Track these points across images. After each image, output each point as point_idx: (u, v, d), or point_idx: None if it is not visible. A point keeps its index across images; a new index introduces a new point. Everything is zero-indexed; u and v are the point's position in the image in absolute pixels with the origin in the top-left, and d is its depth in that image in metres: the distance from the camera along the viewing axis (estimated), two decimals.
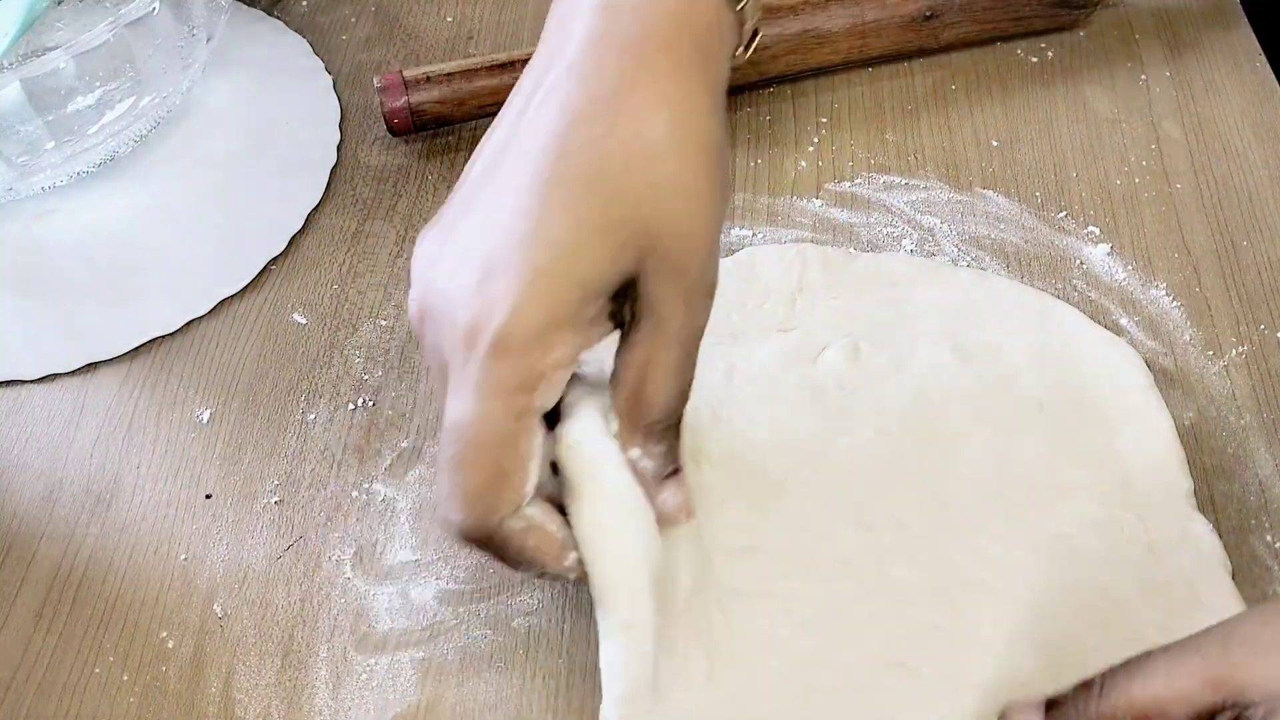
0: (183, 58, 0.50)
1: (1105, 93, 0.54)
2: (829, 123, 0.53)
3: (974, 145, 0.52)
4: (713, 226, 0.33)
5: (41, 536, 0.42)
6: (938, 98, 0.54)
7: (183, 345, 0.47)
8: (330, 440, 0.44)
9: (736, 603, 0.37)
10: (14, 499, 0.43)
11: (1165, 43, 0.56)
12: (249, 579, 0.40)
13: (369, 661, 0.38)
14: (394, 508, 0.42)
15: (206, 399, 0.45)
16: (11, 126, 0.46)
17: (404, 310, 0.47)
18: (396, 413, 0.44)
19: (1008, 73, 0.55)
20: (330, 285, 0.49)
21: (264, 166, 0.53)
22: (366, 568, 0.40)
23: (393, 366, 0.46)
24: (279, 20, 0.59)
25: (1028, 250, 0.48)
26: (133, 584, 0.40)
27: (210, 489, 0.43)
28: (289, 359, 0.46)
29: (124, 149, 0.51)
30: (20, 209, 0.51)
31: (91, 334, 0.47)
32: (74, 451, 0.44)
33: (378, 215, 0.51)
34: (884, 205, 0.50)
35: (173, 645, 0.39)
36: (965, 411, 0.42)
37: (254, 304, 0.48)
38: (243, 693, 0.38)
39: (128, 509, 0.42)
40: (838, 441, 0.41)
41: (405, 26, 0.59)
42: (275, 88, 0.56)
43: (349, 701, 0.37)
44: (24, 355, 0.47)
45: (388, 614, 0.39)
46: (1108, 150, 0.52)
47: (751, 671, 0.36)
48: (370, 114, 0.55)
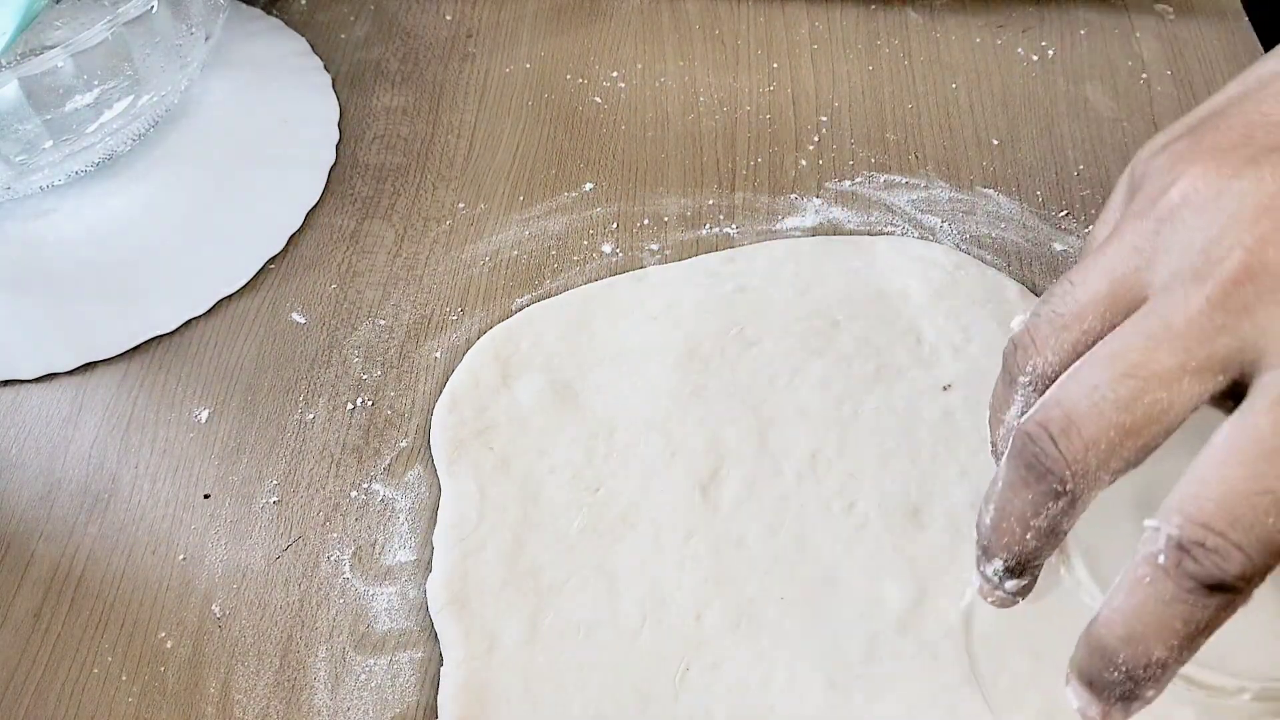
0: (181, 56, 0.50)
1: (1106, 92, 0.54)
2: (829, 121, 0.53)
3: (974, 144, 0.52)
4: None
5: (39, 536, 0.42)
6: (938, 97, 0.54)
7: (181, 345, 0.47)
8: (329, 440, 0.43)
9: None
10: (12, 499, 0.43)
11: (1166, 42, 0.56)
12: (247, 579, 0.40)
13: (368, 662, 0.38)
14: (393, 508, 0.42)
15: (205, 399, 0.45)
16: (9, 125, 0.46)
17: (402, 310, 0.47)
18: (395, 413, 0.44)
19: (1008, 71, 0.55)
20: (329, 285, 0.48)
21: (262, 165, 0.53)
22: (365, 568, 0.40)
23: (392, 366, 0.46)
24: (278, 19, 0.59)
25: (1029, 249, 0.48)
26: (131, 584, 0.40)
27: (209, 489, 0.42)
28: (287, 359, 0.46)
29: (122, 148, 0.51)
30: (18, 208, 0.51)
31: (89, 333, 0.47)
32: (72, 451, 0.44)
33: (377, 214, 0.51)
34: (884, 204, 0.50)
35: (171, 645, 0.39)
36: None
37: (252, 303, 0.48)
38: (241, 693, 0.37)
39: (126, 509, 0.42)
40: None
41: (404, 25, 0.59)
42: (274, 86, 0.56)
43: (348, 702, 0.37)
44: (22, 355, 0.46)
45: (387, 614, 0.39)
46: (1109, 149, 0.51)
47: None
48: (369, 113, 0.55)
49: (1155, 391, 0.27)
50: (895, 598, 0.38)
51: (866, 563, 0.39)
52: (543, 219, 0.50)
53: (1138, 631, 0.27)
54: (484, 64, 0.57)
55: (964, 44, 0.57)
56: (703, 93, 0.55)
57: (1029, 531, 0.30)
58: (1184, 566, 0.26)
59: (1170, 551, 0.26)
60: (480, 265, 0.49)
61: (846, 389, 0.43)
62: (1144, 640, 0.27)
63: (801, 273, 0.47)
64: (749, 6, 0.59)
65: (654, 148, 0.53)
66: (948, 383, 0.43)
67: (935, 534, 0.39)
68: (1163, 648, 0.27)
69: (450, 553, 0.39)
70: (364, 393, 0.45)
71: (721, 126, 0.53)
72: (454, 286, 0.48)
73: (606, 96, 0.55)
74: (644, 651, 0.37)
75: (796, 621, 0.37)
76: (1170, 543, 0.26)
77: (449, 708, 0.36)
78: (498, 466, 0.42)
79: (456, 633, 0.38)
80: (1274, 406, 0.26)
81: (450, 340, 0.46)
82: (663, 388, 0.43)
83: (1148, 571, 0.27)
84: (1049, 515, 0.29)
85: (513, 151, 0.53)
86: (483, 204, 0.51)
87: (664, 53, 0.57)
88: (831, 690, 0.36)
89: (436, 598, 0.39)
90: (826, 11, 0.58)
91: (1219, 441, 0.27)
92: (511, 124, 0.54)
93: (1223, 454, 0.26)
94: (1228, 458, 0.26)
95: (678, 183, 0.51)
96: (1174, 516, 0.27)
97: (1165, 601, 0.27)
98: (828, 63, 0.56)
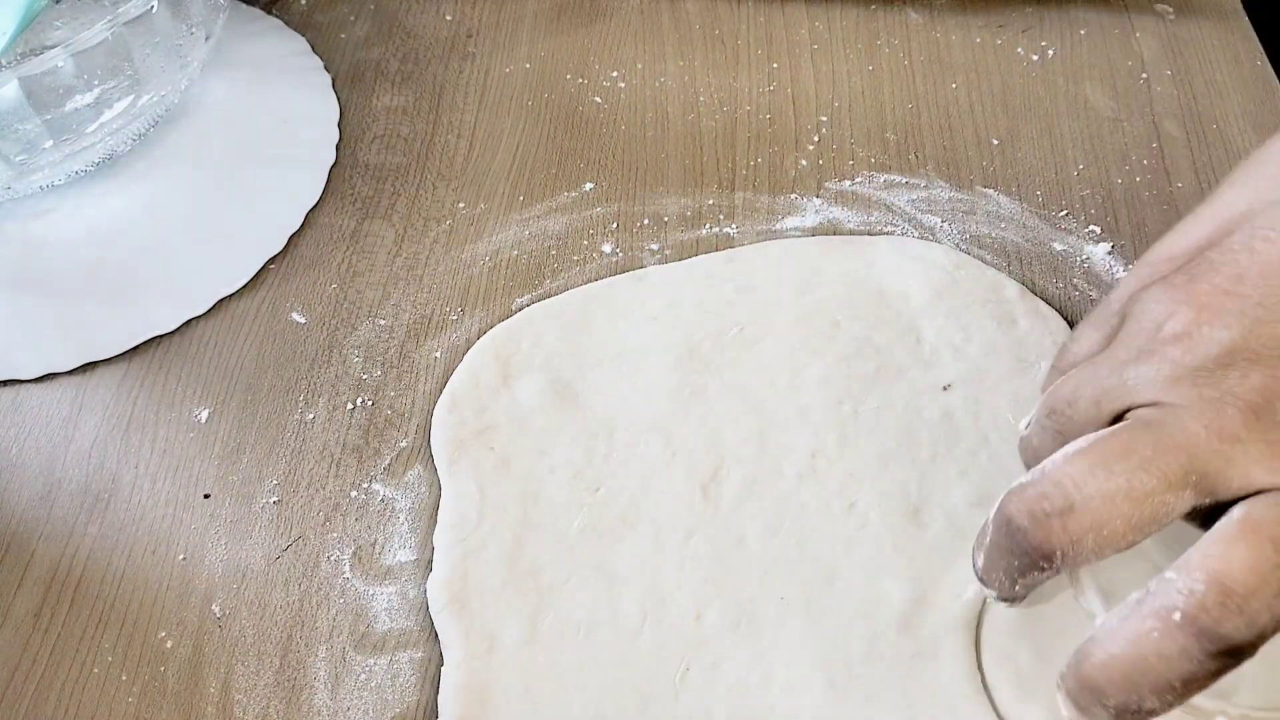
0: (181, 56, 0.50)
1: (1106, 91, 0.54)
2: (829, 121, 0.53)
3: (974, 144, 0.52)
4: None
5: (39, 536, 0.42)
6: (938, 97, 0.54)
7: (181, 344, 0.47)
8: (329, 440, 0.43)
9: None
10: (11, 498, 0.43)
11: (1165, 42, 0.56)
12: (247, 579, 0.40)
13: (368, 662, 0.38)
14: (393, 508, 0.42)
15: (205, 398, 0.45)
16: (9, 125, 0.46)
17: (402, 309, 0.47)
18: (395, 412, 0.44)
19: (1008, 71, 0.55)
20: (329, 285, 0.48)
21: (262, 165, 0.53)
22: (365, 568, 0.40)
23: (391, 366, 0.46)
24: (278, 19, 0.59)
25: (1028, 249, 0.48)
26: (131, 584, 0.40)
27: (209, 489, 0.42)
28: (287, 358, 0.46)
29: (122, 148, 0.51)
30: (18, 208, 0.51)
31: (89, 333, 0.47)
32: (72, 451, 0.44)
33: (377, 214, 0.51)
34: (884, 204, 0.50)
35: (171, 645, 0.39)
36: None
37: (252, 303, 0.48)
38: (241, 693, 0.37)
39: (126, 509, 0.42)
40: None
41: (404, 25, 0.59)
42: (274, 86, 0.56)
43: (348, 702, 0.37)
44: (22, 354, 0.46)
45: (386, 614, 0.39)
46: (1109, 149, 0.51)
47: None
48: (369, 112, 0.55)
49: (1163, 495, 0.28)
50: (895, 598, 0.38)
51: (866, 563, 0.39)
52: (543, 219, 0.50)
53: (1134, 681, 0.27)
54: (484, 64, 0.57)
55: (964, 44, 0.57)
56: (703, 93, 0.55)
57: (1016, 585, 0.31)
58: (1200, 625, 0.26)
59: (1188, 608, 0.27)
60: (480, 265, 0.49)
61: (846, 389, 0.43)
62: (1138, 690, 0.27)
63: (801, 273, 0.47)
64: (749, 6, 0.59)
65: (654, 148, 0.53)
66: (948, 383, 0.43)
67: (935, 534, 0.39)
68: (1155, 700, 0.27)
69: (450, 553, 0.39)
70: (364, 393, 0.45)
71: (721, 126, 0.53)
72: (454, 286, 0.48)
73: (606, 96, 0.55)
74: (644, 651, 0.37)
75: (796, 621, 0.37)
76: (1192, 599, 0.27)
77: (449, 708, 0.36)
78: (498, 466, 0.42)
79: (456, 633, 0.38)
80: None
81: (450, 340, 0.46)
82: (663, 388, 0.43)
83: (1156, 626, 0.27)
84: (1033, 579, 0.30)
85: (513, 151, 0.53)
86: (483, 204, 0.51)
87: (664, 53, 0.57)
88: (831, 690, 0.36)
89: (437, 598, 0.39)
90: (826, 11, 0.58)
91: (1242, 515, 0.27)
92: (511, 124, 0.54)
93: (1250, 526, 0.27)
94: (1257, 530, 0.27)
95: (678, 183, 0.51)
96: (1196, 573, 0.27)
97: (1169, 658, 0.27)
98: (828, 63, 0.56)
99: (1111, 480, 0.28)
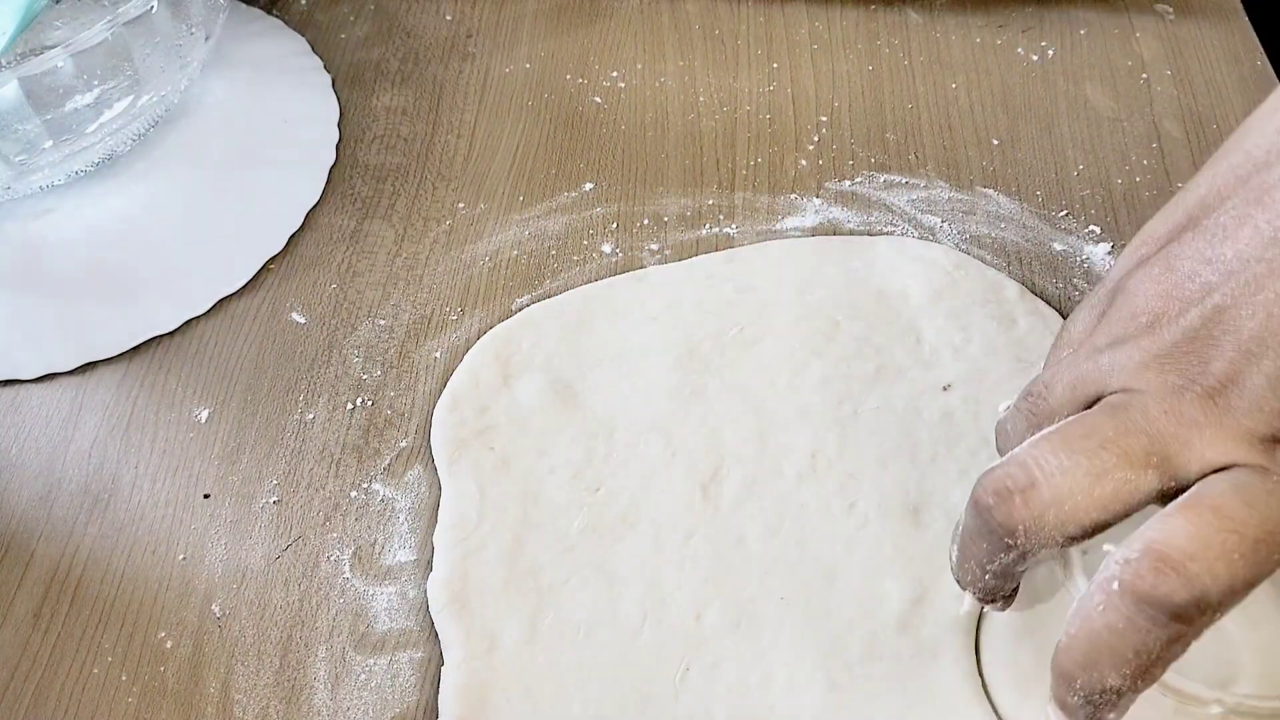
0: (181, 56, 0.50)
1: (1106, 91, 0.54)
2: (829, 121, 0.53)
3: (974, 144, 0.52)
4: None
5: (39, 536, 0.42)
6: (938, 97, 0.54)
7: (181, 344, 0.47)
8: (329, 440, 0.43)
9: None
10: (11, 499, 0.43)
11: (1165, 42, 0.56)
12: (247, 579, 0.40)
13: (368, 662, 0.38)
14: (393, 508, 0.42)
15: (205, 398, 0.45)
16: (9, 125, 0.46)
17: (402, 309, 0.47)
18: (395, 412, 0.44)
19: (1008, 71, 0.55)
20: (329, 284, 0.48)
21: (262, 165, 0.53)
22: (365, 568, 0.40)
23: (391, 366, 0.46)
24: (278, 19, 0.59)
25: (1028, 249, 0.48)
26: (131, 584, 0.40)
27: (208, 489, 0.42)
28: (287, 358, 0.46)
29: (122, 148, 0.51)
30: (18, 208, 0.51)
31: (89, 333, 0.47)
32: (72, 451, 0.44)
33: (377, 214, 0.51)
34: (884, 204, 0.50)
35: (171, 645, 0.39)
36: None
37: (252, 303, 0.48)
38: (241, 693, 0.37)
39: (126, 509, 0.42)
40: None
41: (404, 25, 0.59)
42: (274, 86, 0.56)
43: (347, 702, 0.37)
44: (21, 354, 0.46)
45: (386, 614, 0.39)
46: (1108, 149, 0.51)
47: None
48: (369, 113, 0.55)
49: (1124, 471, 0.29)
50: (895, 597, 0.38)
51: (866, 562, 0.39)
52: (543, 219, 0.50)
53: (1092, 658, 0.28)
54: (484, 64, 0.57)
55: (964, 44, 0.57)
56: (703, 93, 0.55)
57: (986, 574, 0.31)
58: (1137, 590, 0.27)
59: (1124, 575, 0.27)
60: (480, 265, 0.49)
61: (846, 389, 0.43)
62: (1098, 667, 0.28)
63: (801, 273, 0.47)
64: (749, 6, 0.59)
65: (654, 148, 0.53)
66: (948, 383, 0.43)
67: (935, 534, 0.39)
68: (1115, 675, 0.28)
69: (450, 553, 0.39)
70: (364, 393, 0.45)
71: (721, 126, 0.53)
72: (454, 286, 0.48)
73: (606, 96, 0.55)
74: (644, 651, 0.37)
75: (796, 621, 0.37)
76: (1128, 566, 0.27)
77: (449, 708, 0.36)
78: (498, 466, 0.42)
79: (456, 633, 0.38)
80: (1263, 474, 0.28)
81: (450, 340, 0.46)
82: (663, 388, 0.43)
83: (1102, 599, 0.27)
84: (1001, 563, 0.31)
85: (513, 151, 0.53)
86: (483, 204, 0.51)
87: (664, 53, 0.57)
88: (831, 690, 0.36)
89: (437, 598, 0.39)
90: (826, 11, 0.58)
91: (1191, 491, 0.28)
92: (511, 124, 0.54)
93: (1194, 499, 0.28)
94: (1199, 502, 0.27)
95: (678, 183, 0.51)
96: (1135, 544, 0.27)
97: (1116, 629, 0.27)
98: (828, 63, 0.56)
99: (1072, 457, 0.29)
